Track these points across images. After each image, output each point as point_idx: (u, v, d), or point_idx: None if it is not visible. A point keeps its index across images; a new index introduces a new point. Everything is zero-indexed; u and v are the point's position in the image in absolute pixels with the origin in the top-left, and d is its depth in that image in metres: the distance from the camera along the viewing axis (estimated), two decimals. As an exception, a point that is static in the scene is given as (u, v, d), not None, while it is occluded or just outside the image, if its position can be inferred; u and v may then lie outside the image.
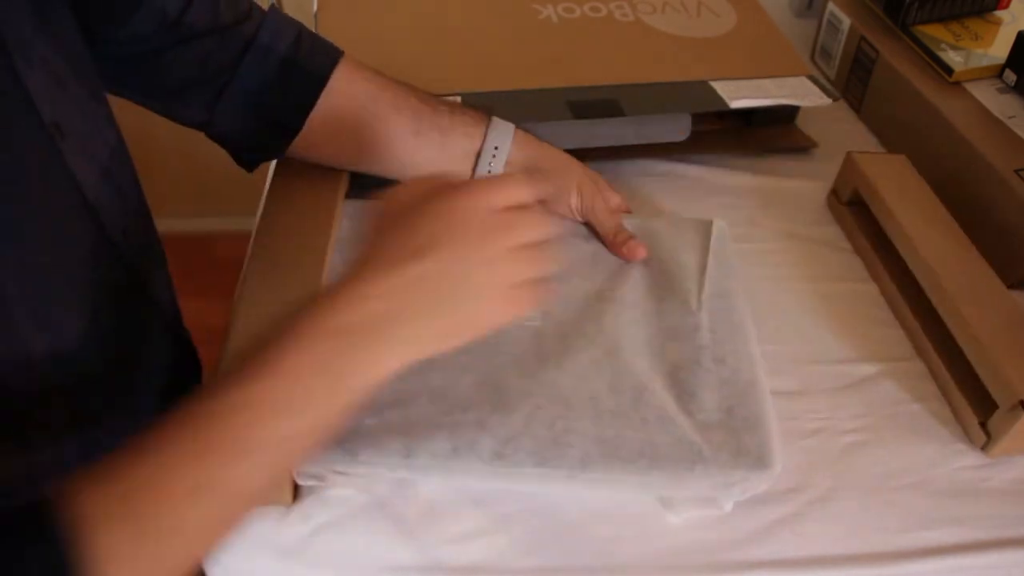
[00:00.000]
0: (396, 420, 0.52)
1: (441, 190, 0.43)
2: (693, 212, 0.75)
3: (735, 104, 0.74)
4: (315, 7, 0.84)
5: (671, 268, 0.64)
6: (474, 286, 0.42)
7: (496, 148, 0.63)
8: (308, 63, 0.61)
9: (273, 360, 0.38)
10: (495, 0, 0.86)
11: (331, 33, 0.67)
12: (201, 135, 0.64)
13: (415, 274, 0.41)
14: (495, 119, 0.64)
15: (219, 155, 0.68)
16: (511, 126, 0.65)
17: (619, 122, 0.74)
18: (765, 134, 0.83)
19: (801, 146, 0.82)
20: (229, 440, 0.37)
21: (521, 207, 0.44)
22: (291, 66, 0.60)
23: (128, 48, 0.56)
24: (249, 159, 0.64)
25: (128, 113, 0.61)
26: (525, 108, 0.72)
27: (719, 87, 0.75)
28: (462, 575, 0.51)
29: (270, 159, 0.62)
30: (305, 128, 0.61)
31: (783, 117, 0.83)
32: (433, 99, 0.64)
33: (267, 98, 0.60)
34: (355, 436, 0.51)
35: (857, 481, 0.56)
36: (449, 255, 0.41)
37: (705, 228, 0.67)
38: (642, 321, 0.60)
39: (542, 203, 0.45)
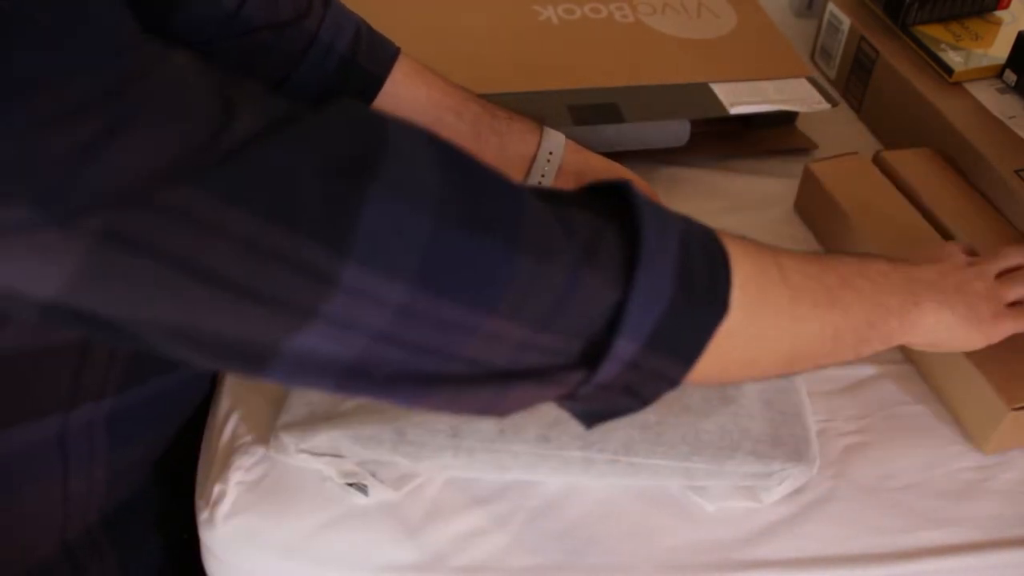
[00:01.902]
0: None
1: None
2: (693, 214, 0.75)
3: (735, 110, 0.74)
4: None
5: None
6: (977, 297, 0.52)
7: (550, 154, 0.64)
8: (367, 62, 0.60)
9: (869, 265, 0.48)
10: (495, 1, 0.86)
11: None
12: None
13: (949, 266, 0.53)
14: (547, 127, 0.65)
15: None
16: (562, 135, 0.65)
17: (618, 127, 0.74)
18: (765, 136, 0.83)
19: (801, 147, 0.82)
20: (840, 299, 0.45)
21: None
22: (349, 65, 0.59)
23: (182, 41, 0.56)
24: None
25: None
26: (524, 111, 0.72)
27: (719, 90, 0.76)
28: (462, 575, 0.51)
29: None
30: None
31: (783, 119, 0.83)
32: (490, 104, 0.65)
33: (324, 97, 0.60)
34: (404, 417, 0.52)
35: (857, 481, 0.56)
36: (954, 268, 0.53)
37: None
38: None
39: None
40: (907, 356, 0.64)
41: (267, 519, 0.52)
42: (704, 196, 0.77)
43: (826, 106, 0.76)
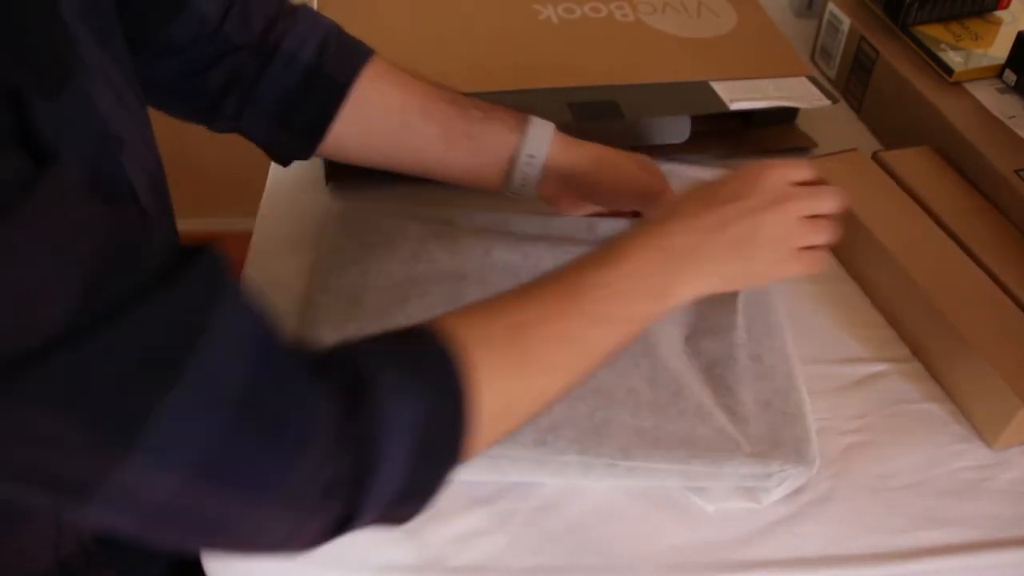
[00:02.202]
0: None
1: (744, 168, 0.52)
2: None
3: (734, 106, 0.74)
4: (315, 5, 0.84)
5: None
6: (766, 240, 0.49)
7: (531, 156, 0.62)
8: (333, 70, 0.60)
9: (622, 257, 0.47)
10: (495, 0, 0.86)
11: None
12: (200, 136, 0.64)
13: (716, 220, 0.49)
14: (535, 123, 0.62)
15: (219, 155, 0.68)
16: (549, 132, 0.63)
17: (619, 123, 0.74)
18: (765, 134, 0.83)
19: (801, 146, 0.82)
20: (589, 309, 0.45)
21: (814, 183, 0.52)
22: (314, 74, 0.59)
23: (167, 60, 0.56)
24: (282, 159, 0.64)
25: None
26: (524, 109, 0.72)
27: (719, 88, 0.75)
28: (462, 575, 0.51)
29: (302, 159, 0.62)
30: (332, 133, 0.61)
31: (783, 117, 0.83)
32: (467, 102, 0.63)
33: (290, 106, 0.60)
34: None
35: (857, 481, 0.56)
36: (746, 209, 0.49)
37: None
38: (680, 321, 0.61)
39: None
40: (914, 352, 0.64)
41: (266, 519, 0.52)
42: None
43: (826, 103, 0.76)
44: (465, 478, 0.54)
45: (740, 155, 0.81)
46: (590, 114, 0.72)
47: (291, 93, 0.59)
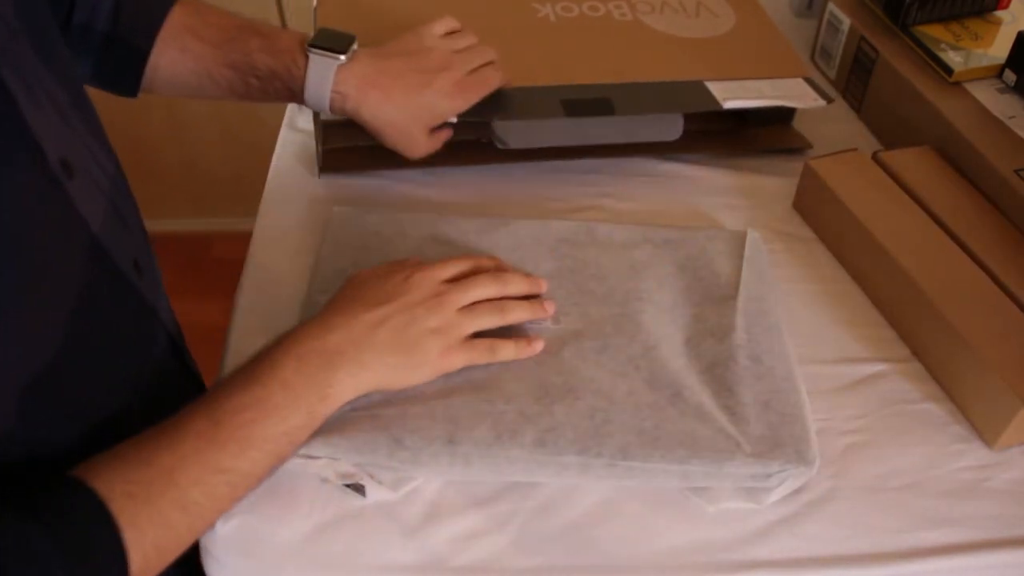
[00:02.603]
0: (440, 410, 0.53)
1: (401, 266, 0.56)
2: (691, 212, 0.75)
3: (728, 105, 0.74)
4: (315, 2, 0.84)
5: (706, 275, 0.65)
6: (424, 333, 0.53)
7: (317, 83, 0.65)
8: (130, 34, 0.63)
9: (270, 370, 0.48)
10: None
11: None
12: (200, 137, 0.64)
13: (375, 316, 0.52)
14: (313, 58, 0.65)
15: (218, 156, 0.68)
16: (328, 81, 0.65)
17: (611, 121, 0.74)
18: (760, 134, 0.83)
19: (795, 147, 0.82)
20: (238, 435, 0.46)
21: (472, 272, 0.58)
22: (113, 41, 0.62)
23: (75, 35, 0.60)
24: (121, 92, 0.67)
25: (126, 114, 0.61)
26: (519, 105, 0.72)
27: (714, 87, 0.76)
28: (462, 575, 0.51)
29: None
30: (144, 82, 0.65)
31: (779, 117, 0.83)
32: (247, 65, 0.66)
33: (102, 68, 0.64)
34: (400, 424, 0.52)
35: (857, 481, 0.56)
36: (403, 305, 0.53)
37: (740, 238, 0.68)
38: (679, 322, 0.61)
39: None
40: (914, 353, 0.64)
41: (265, 521, 0.52)
42: (703, 193, 0.77)
43: (821, 103, 0.76)
44: (465, 478, 0.54)
45: (736, 154, 0.81)
46: (583, 111, 0.72)
47: (98, 64, 0.63)
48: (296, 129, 0.81)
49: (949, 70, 0.77)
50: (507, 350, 0.56)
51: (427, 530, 0.52)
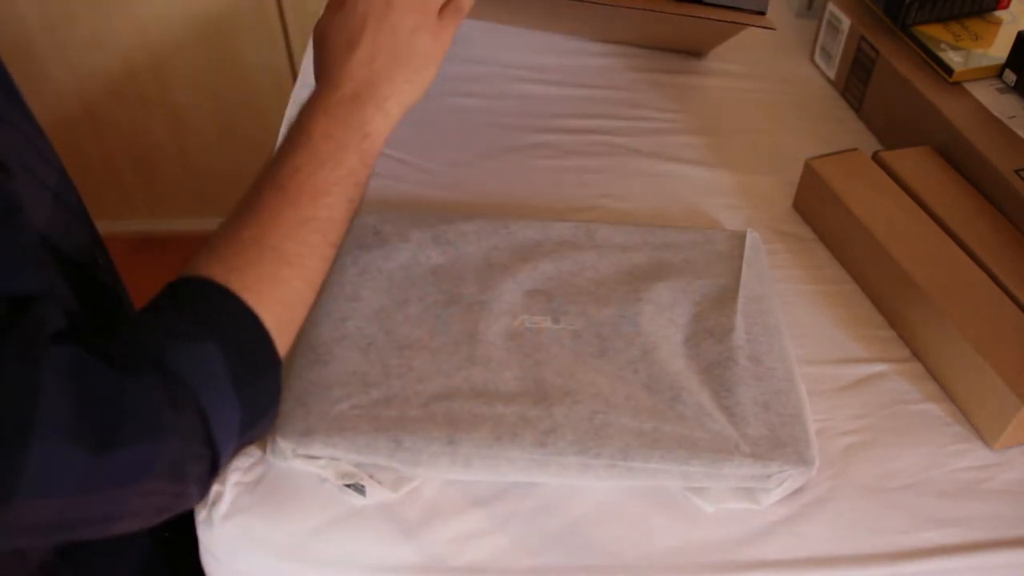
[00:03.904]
0: (440, 412, 0.54)
1: (339, 2, 0.54)
2: (691, 212, 0.75)
3: None
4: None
5: (706, 275, 0.65)
6: (408, 39, 0.53)
7: None
8: None
9: (307, 133, 0.50)
10: None
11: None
12: (200, 136, 0.64)
13: (364, 55, 0.52)
14: None
15: (219, 155, 0.68)
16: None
17: None
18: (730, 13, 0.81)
19: (757, 24, 0.80)
20: (305, 188, 0.49)
21: None
22: None
23: None
24: None
25: (127, 112, 0.61)
26: None
27: None
28: (462, 575, 0.51)
29: None
30: None
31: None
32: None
33: None
34: (400, 426, 0.52)
35: (857, 481, 0.56)
36: (377, 30, 0.53)
37: (739, 239, 0.68)
38: (678, 323, 0.61)
39: None
40: (914, 353, 0.64)
41: (265, 520, 0.52)
42: (703, 193, 0.77)
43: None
44: (465, 479, 0.54)
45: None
46: None
47: None
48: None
49: (949, 70, 0.77)
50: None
51: (427, 530, 0.52)
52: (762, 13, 0.74)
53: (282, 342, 0.47)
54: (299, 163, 0.49)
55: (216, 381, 0.43)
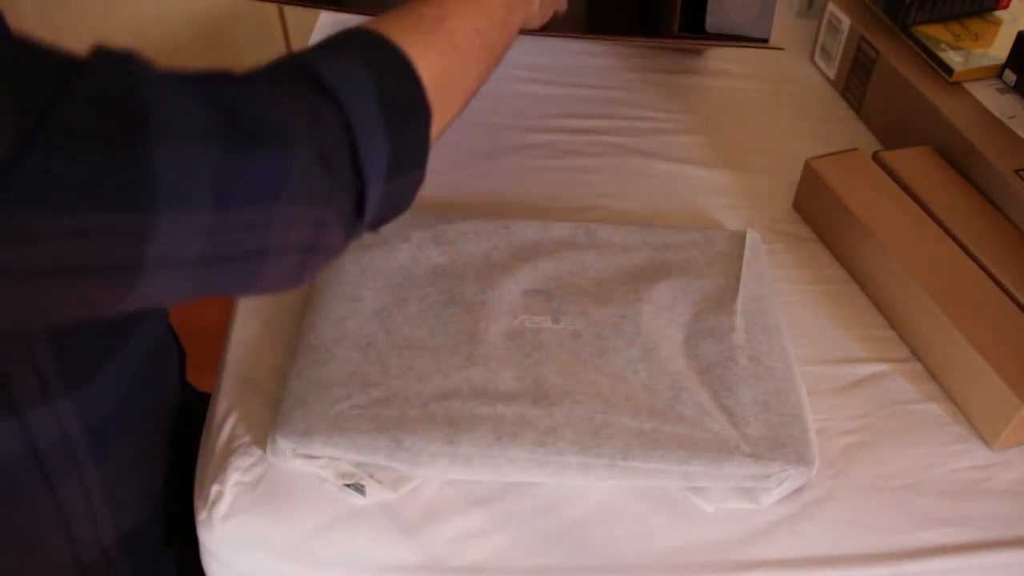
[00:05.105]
0: (440, 411, 0.54)
1: None
2: (691, 212, 0.75)
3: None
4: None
5: (706, 275, 0.65)
6: None
7: None
8: None
9: None
10: None
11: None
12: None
13: None
14: None
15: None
16: None
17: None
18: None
19: (769, 46, 0.78)
20: (487, 11, 0.53)
21: None
22: None
23: None
24: None
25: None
26: None
27: None
28: (462, 575, 0.51)
29: None
30: None
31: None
32: None
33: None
34: (400, 426, 0.52)
35: (857, 481, 0.56)
36: None
37: (739, 238, 0.68)
38: (678, 323, 0.61)
39: None
40: (914, 353, 0.64)
41: (265, 520, 0.52)
42: (703, 193, 0.77)
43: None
44: (465, 478, 0.54)
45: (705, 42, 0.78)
46: None
47: None
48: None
49: (949, 70, 0.77)
50: None
51: (427, 530, 0.52)
52: (765, 41, 0.73)
53: (438, 110, 0.47)
54: None
55: (368, 108, 0.42)
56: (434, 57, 0.47)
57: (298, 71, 0.41)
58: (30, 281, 0.33)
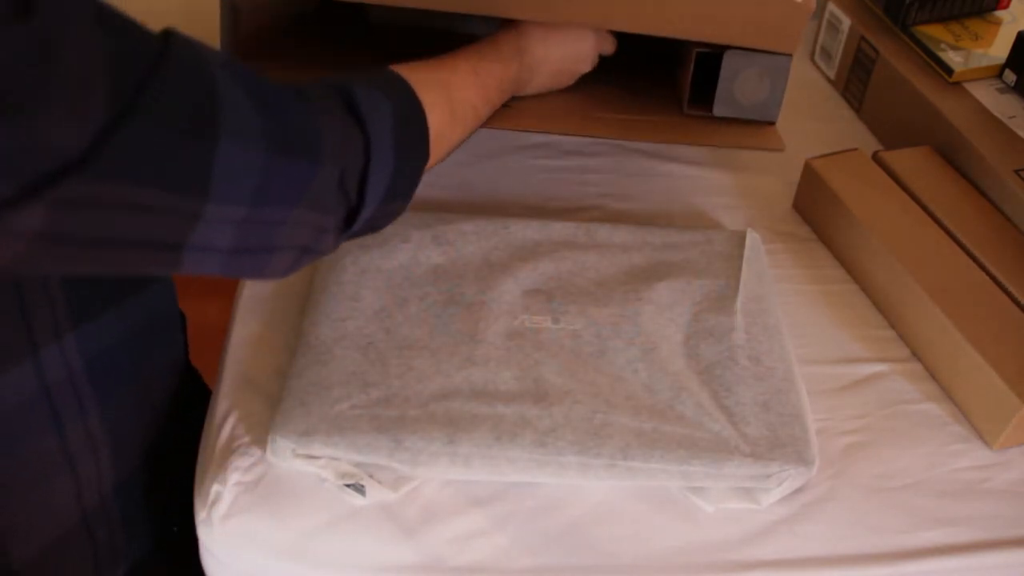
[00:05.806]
0: (440, 411, 0.54)
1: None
2: (691, 212, 0.75)
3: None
4: None
5: (705, 275, 0.65)
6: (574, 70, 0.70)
7: None
8: None
9: (496, 48, 0.63)
10: None
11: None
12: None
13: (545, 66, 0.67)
14: None
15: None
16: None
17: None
18: (738, 130, 0.76)
19: (766, 148, 0.74)
20: (477, 73, 0.60)
21: None
22: None
23: None
24: None
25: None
26: None
27: None
28: (462, 575, 0.51)
29: None
30: None
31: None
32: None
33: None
34: (400, 426, 0.52)
35: (857, 481, 0.56)
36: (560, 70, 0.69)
37: (739, 238, 0.68)
38: (679, 322, 0.61)
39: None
40: (914, 353, 0.64)
41: (265, 520, 0.52)
42: (703, 193, 0.77)
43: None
44: (465, 478, 0.54)
45: (701, 143, 0.75)
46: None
47: None
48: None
49: (949, 70, 0.77)
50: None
51: (426, 530, 0.52)
52: (772, 123, 0.73)
53: (434, 151, 0.54)
54: (484, 52, 0.61)
55: (385, 135, 0.48)
56: (436, 115, 0.53)
57: (338, 92, 0.47)
58: (86, 246, 0.36)
